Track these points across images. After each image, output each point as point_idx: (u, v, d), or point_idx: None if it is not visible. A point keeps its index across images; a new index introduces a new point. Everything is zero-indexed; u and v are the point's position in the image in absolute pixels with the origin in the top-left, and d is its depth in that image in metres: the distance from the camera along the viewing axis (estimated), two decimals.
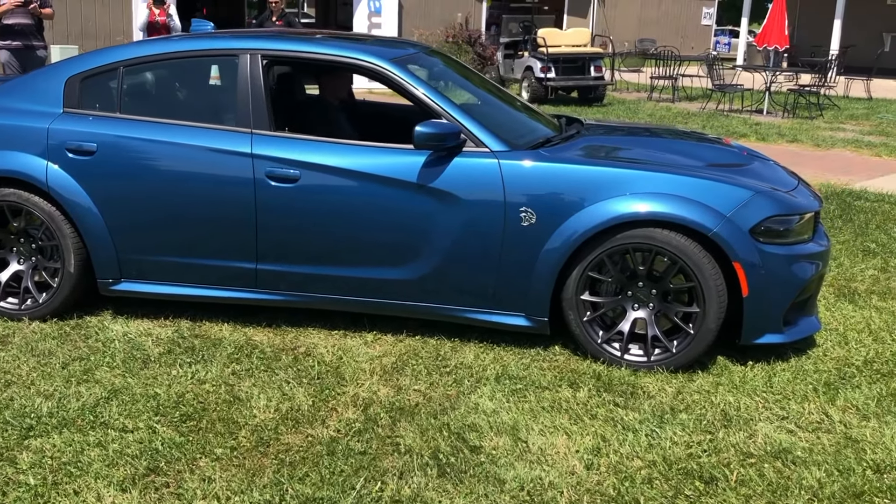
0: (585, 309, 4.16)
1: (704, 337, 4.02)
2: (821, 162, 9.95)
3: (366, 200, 4.21)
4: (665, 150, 4.57)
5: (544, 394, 3.84)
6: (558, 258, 4.08)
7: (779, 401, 3.80)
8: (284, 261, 4.36)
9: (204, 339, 4.39)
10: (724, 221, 3.94)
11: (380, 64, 4.32)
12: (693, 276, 3.97)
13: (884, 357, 4.27)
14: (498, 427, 3.52)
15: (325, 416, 3.62)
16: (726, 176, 4.14)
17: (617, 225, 4.01)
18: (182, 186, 4.34)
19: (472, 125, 4.19)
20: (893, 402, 3.80)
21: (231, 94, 4.43)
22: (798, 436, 3.50)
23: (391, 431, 3.49)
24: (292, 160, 4.24)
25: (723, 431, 3.52)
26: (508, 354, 4.26)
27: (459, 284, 4.24)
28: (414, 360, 4.17)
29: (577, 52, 15.94)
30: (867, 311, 4.89)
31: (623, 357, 4.14)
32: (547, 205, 4.08)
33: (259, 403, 3.70)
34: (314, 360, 4.16)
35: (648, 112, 14.78)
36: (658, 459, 3.29)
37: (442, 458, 3.27)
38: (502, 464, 3.25)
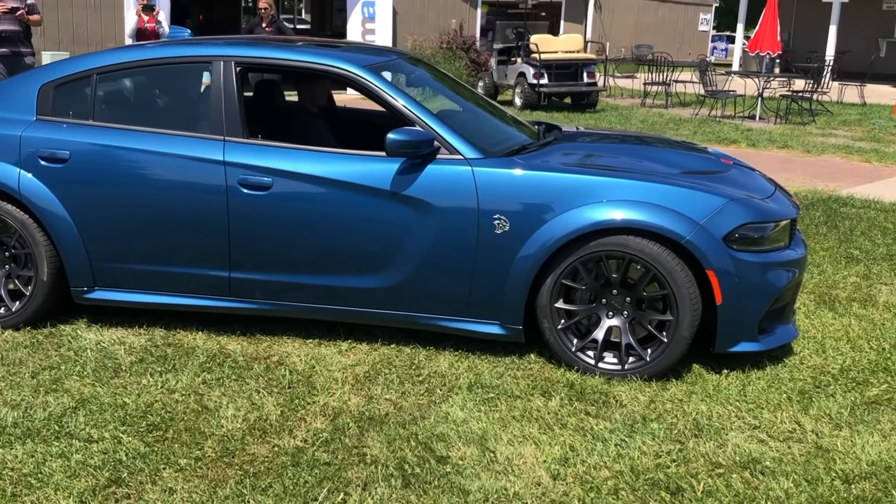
0: (560, 317, 4.14)
1: (678, 345, 3.99)
2: (810, 168, 9.93)
3: (339, 208, 4.19)
4: (641, 158, 4.55)
5: (516, 403, 3.82)
6: (532, 266, 4.05)
7: (752, 410, 3.77)
8: (258, 269, 4.34)
9: (177, 347, 4.37)
10: (698, 229, 3.92)
11: (353, 70, 4.30)
12: (666, 284, 3.95)
13: (860, 365, 4.24)
14: (466, 437, 3.50)
15: (293, 425, 3.59)
16: (701, 183, 4.12)
17: (590, 232, 3.98)
18: (155, 194, 4.32)
19: (446, 132, 4.18)
20: (867, 410, 3.77)
21: (204, 101, 4.41)
22: (769, 445, 3.47)
23: (358, 441, 3.46)
24: (264, 167, 4.22)
25: (693, 441, 3.50)
26: (483, 363, 4.23)
27: (433, 292, 4.22)
28: (387, 369, 4.14)
29: (569, 59, 15.93)
30: (847, 319, 4.87)
31: (597, 365, 4.12)
32: (520, 212, 4.06)
33: (227, 413, 3.68)
34: (286, 369, 4.13)
35: (641, 118, 14.76)
36: (626, 469, 3.26)
37: (407, 469, 3.24)
38: (468, 474, 3.22)
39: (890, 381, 4.07)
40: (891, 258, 6.07)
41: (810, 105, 14.90)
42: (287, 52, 4.50)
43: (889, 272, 5.75)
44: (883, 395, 3.92)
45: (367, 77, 4.28)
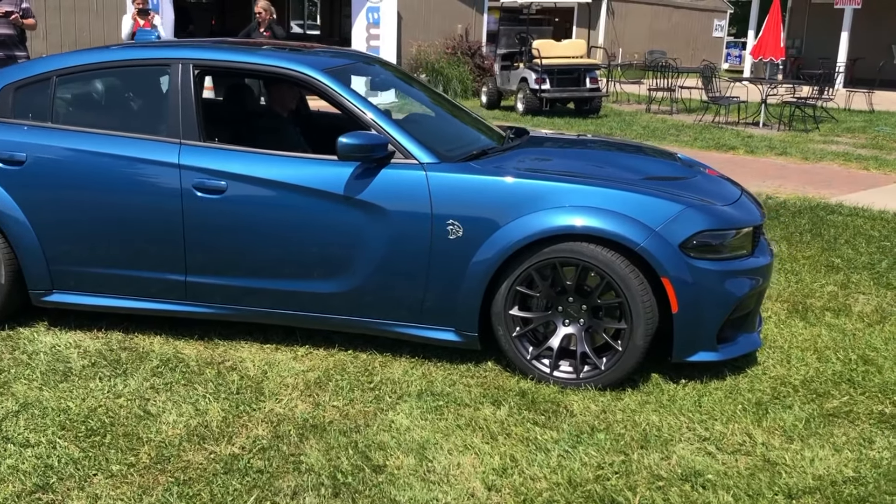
0: (515, 324, 4.07)
1: (632, 354, 3.92)
2: (805, 175, 9.81)
3: (293, 212, 4.15)
4: (603, 163, 4.48)
5: (464, 411, 3.75)
6: (485, 272, 3.99)
7: (704, 421, 3.69)
8: (213, 273, 4.30)
9: (132, 351, 4.33)
10: (652, 236, 3.85)
11: (310, 74, 4.26)
12: (620, 292, 3.87)
13: (824, 376, 4.15)
14: (407, 446, 3.44)
15: (233, 432, 3.54)
16: (658, 189, 4.04)
17: (543, 239, 3.92)
18: (112, 197, 4.30)
19: (402, 136, 4.12)
20: (823, 423, 3.68)
21: (163, 104, 4.39)
22: (715, 458, 3.39)
23: (296, 449, 3.41)
24: (219, 171, 4.18)
25: (638, 452, 3.42)
26: (438, 370, 4.17)
27: (388, 298, 4.16)
28: (339, 376, 4.09)
29: (572, 64, 15.85)
30: (817, 329, 4.77)
31: (552, 374, 4.05)
32: (474, 218, 4.00)
33: (169, 419, 3.64)
34: (238, 374, 4.09)
35: (643, 124, 14.66)
36: (563, 481, 3.19)
37: (339, 478, 3.19)
38: (401, 484, 3.16)
39: (852, 394, 3.97)
40: (872, 267, 5.96)
41: (814, 112, 14.75)
42: (246, 55, 4.47)
43: (868, 281, 5.65)
44: (842, 408, 3.83)
45: (324, 80, 4.24)
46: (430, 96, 5.27)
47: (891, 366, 4.27)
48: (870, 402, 3.89)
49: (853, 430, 3.62)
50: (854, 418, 3.74)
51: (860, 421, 3.71)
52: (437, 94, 5.37)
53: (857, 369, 4.23)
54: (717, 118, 15.15)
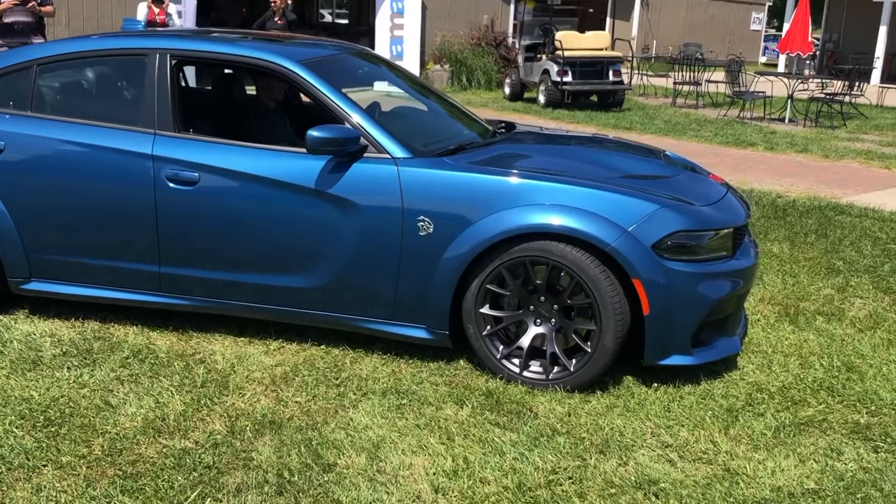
0: (485, 323, 4.01)
1: (602, 356, 3.83)
2: (822, 174, 9.59)
3: (265, 206, 4.11)
4: (581, 160, 4.39)
5: (426, 410, 3.70)
6: (455, 269, 3.93)
7: (670, 427, 3.60)
8: (186, 265, 4.29)
9: (105, 341, 4.34)
10: (624, 236, 3.76)
11: (284, 65, 4.22)
12: (589, 293, 3.79)
13: (803, 383, 4.03)
14: (361, 445, 3.39)
15: (190, 426, 3.52)
16: (632, 188, 3.94)
17: (513, 237, 3.85)
18: (88, 187, 4.30)
19: (376, 130, 4.07)
20: (794, 432, 3.58)
21: (140, 94, 4.37)
22: (675, 465, 3.30)
23: (249, 445, 3.38)
24: (191, 162, 4.16)
25: (596, 458, 3.34)
26: (408, 368, 4.12)
27: (360, 294, 4.12)
28: (307, 371, 4.05)
29: (595, 56, 15.67)
30: (806, 334, 4.65)
31: (522, 374, 3.98)
32: (444, 214, 3.94)
33: (129, 411, 3.63)
34: (206, 367, 4.07)
35: (666, 118, 14.46)
36: (513, 485, 3.13)
37: (286, 476, 3.15)
38: (347, 484, 3.12)
39: (829, 402, 3.86)
40: (874, 270, 5.80)
41: (841, 108, 14.43)
42: (223, 45, 4.44)
43: (868, 285, 5.49)
44: (816, 417, 3.72)
45: (299, 72, 4.19)
46: (418, 89, 5.21)
47: (874, 374, 4.14)
48: (846, 412, 3.77)
49: (823, 441, 3.51)
50: (827, 428, 3.62)
51: (833, 431, 3.60)
52: (426, 88, 5.31)
53: (839, 377, 4.11)
54: (742, 113, 14.89)
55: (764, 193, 8.10)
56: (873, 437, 3.54)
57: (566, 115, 14.58)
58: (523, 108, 15.91)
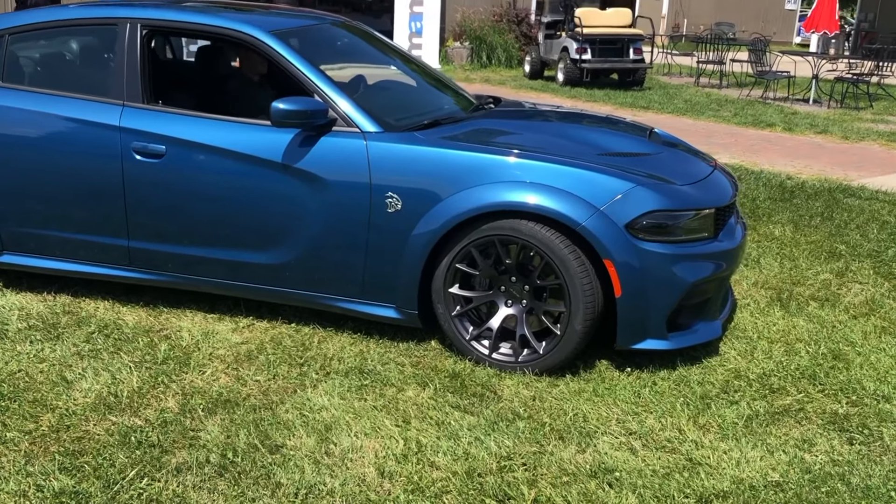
0: (455, 303, 3.89)
1: (571, 339, 3.70)
2: (839, 155, 9.31)
3: (232, 179, 4.02)
4: (559, 137, 4.23)
5: (387, 391, 3.60)
6: (423, 248, 3.81)
7: (638, 413, 3.47)
8: (155, 239, 4.21)
9: (73, 315, 4.28)
10: (596, 215, 3.61)
11: (254, 35, 4.10)
12: (559, 273, 3.65)
13: (785, 371, 3.87)
14: (313, 426, 3.30)
15: (143, 403, 3.45)
16: (607, 166, 3.79)
17: (482, 215, 3.72)
18: (57, 159, 4.23)
19: (345, 103, 3.94)
20: (767, 421, 3.43)
21: (110, 64, 4.29)
22: (636, 454, 3.17)
23: (199, 424, 3.30)
24: (158, 135, 4.07)
25: (555, 444, 3.22)
26: (377, 348, 4.02)
27: (329, 272, 4.02)
28: (273, 350, 3.97)
29: (615, 34, 15.37)
30: (796, 319, 4.47)
31: (491, 356, 3.86)
32: (413, 191, 3.81)
33: (83, 386, 3.56)
34: (170, 343, 4.00)
35: (686, 97, 14.16)
36: (462, 471, 3.02)
37: (230, 457, 3.06)
38: (291, 466, 3.02)
39: (809, 391, 3.70)
40: (877, 255, 5.59)
41: (868, 89, 14.04)
42: (193, 15, 4.32)
43: (869, 270, 5.29)
44: (794, 406, 3.56)
45: (269, 42, 4.07)
46: (402, 61, 5.07)
47: (861, 362, 3.97)
48: (826, 401, 3.61)
49: (797, 431, 3.36)
50: (803, 418, 3.47)
51: (808, 421, 3.44)
52: (410, 60, 5.17)
53: (824, 365, 3.94)
54: (765, 94, 14.54)
55: (773, 175, 7.87)
56: (850, 429, 3.38)
57: (584, 94, 14.33)
58: (541, 86, 15.68)
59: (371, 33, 5.15)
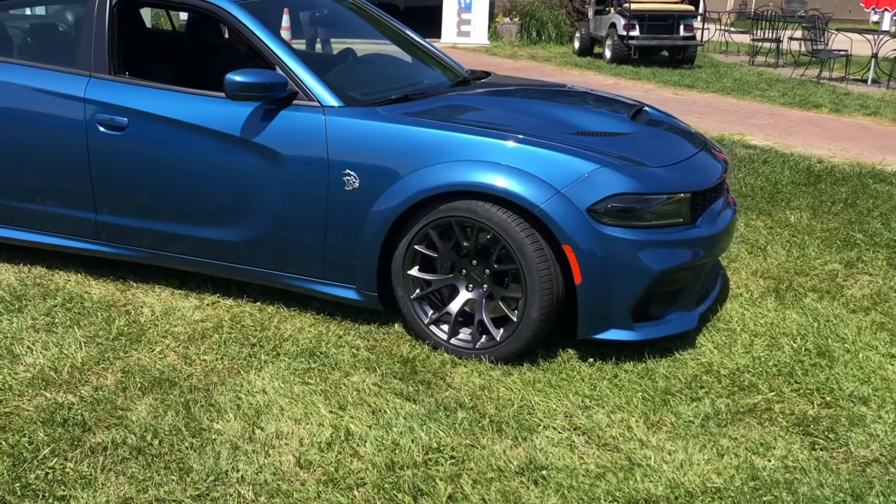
0: (415, 285, 3.75)
1: (527, 326, 3.52)
2: (881, 139, 8.82)
3: (191, 153, 3.93)
4: (530, 114, 4.02)
5: (332, 376, 3.48)
6: (380, 228, 3.67)
7: (589, 408, 3.28)
8: (120, 213, 4.16)
9: (42, 287, 4.26)
10: (555, 197, 3.42)
11: (219, 5, 3.99)
12: (515, 258, 3.48)
13: (762, 367, 3.63)
14: (244, 410, 3.20)
15: (82, 380, 3.39)
16: (571, 145, 3.58)
17: (438, 195, 3.55)
18: (27, 130, 4.20)
19: (306, 76, 3.81)
20: (726, 421, 3.21)
21: (79, 35, 4.23)
22: (574, 451, 3.00)
23: (130, 404, 3.23)
24: (121, 107, 4.00)
25: (490, 437, 3.06)
26: (337, 329, 3.91)
27: (289, 251, 3.91)
28: (230, 329, 3.88)
29: (665, 9, 14.89)
30: (788, 312, 4.21)
31: (449, 341, 3.71)
32: (370, 169, 3.67)
33: (28, 360, 3.53)
34: (128, 319, 3.95)
35: (736, 76, 13.67)
36: (383, 463, 2.88)
37: (149, 439, 2.98)
38: (208, 451, 2.93)
39: (783, 389, 3.46)
40: (895, 245, 5.24)
41: None
42: None
43: (882, 261, 4.96)
44: (761, 405, 3.33)
45: (232, 12, 3.96)
46: (392, 35, 4.91)
47: (847, 360, 3.70)
48: (797, 401, 3.37)
49: (756, 432, 3.14)
50: (767, 418, 3.24)
51: (772, 422, 3.21)
52: (401, 33, 4.99)
53: (805, 362, 3.69)
54: (821, 73, 13.92)
55: (803, 158, 7.49)
56: (815, 433, 3.14)
57: (629, 72, 13.94)
58: (587, 63, 15.31)
59: (363, 6, 5.00)
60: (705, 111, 10.24)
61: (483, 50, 17.54)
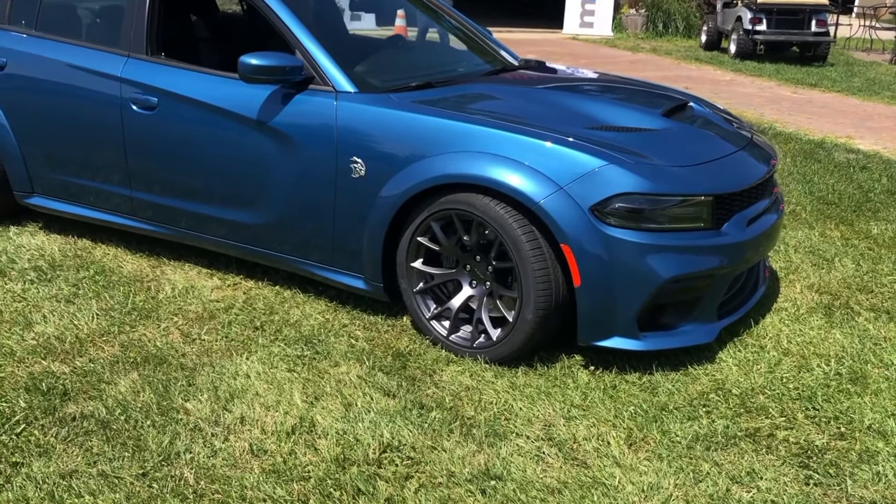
0: (418, 278, 3.65)
1: (522, 328, 3.36)
2: None
3: (215, 134, 3.96)
4: (551, 106, 3.82)
5: (320, 365, 3.43)
6: (383, 218, 3.59)
7: (573, 418, 3.10)
8: (152, 190, 4.26)
9: (79, 259, 4.42)
10: (557, 194, 3.24)
11: None
12: (511, 255, 3.32)
13: (780, 389, 3.33)
14: (222, 392, 3.19)
15: (81, 351, 3.48)
16: (580, 140, 3.37)
17: (439, 186, 3.44)
18: (73, 107, 4.35)
19: (325, 60, 3.76)
20: (720, 445, 2.95)
21: (122, 16, 4.34)
22: (540, 463, 2.83)
23: (115, 378, 3.28)
24: (152, 87, 4.08)
25: (456, 440, 2.94)
26: (344, 318, 3.86)
27: (302, 237, 3.89)
28: (239, 310, 3.90)
29: (796, 3, 14.06)
30: (833, 331, 3.85)
31: (448, 337, 3.60)
32: (375, 156, 3.60)
33: (38, 329, 3.66)
34: (148, 294, 4.04)
35: (869, 77, 12.78)
36: (334, 457, 2.81)
37: (117, 414, 3.02)
38: (168, 431, 2.93)
39: (795, 415, 3.15)
40: None
41: None
42: None
43: None
44: (764, 430, 3.05)
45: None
46: (438, 17, 4.80)
47: (880, 388, 3.35)
48: (808, 429, 3.07)
49: (747, 460, 2.87)
50: (766, 445, 2.96)
51: (770, 450, 2.94)
52: (449, 16, 4.86)
53: (832, 387, 3.36)
54: None
55: None
56: (815, 466, 2.85)
57: (751, 68, 13.27)
58: (709, 58, 14.67)
59: None
60: (819, 112, 9.60)
61: (603, 42, 17.11)
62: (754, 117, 8.97)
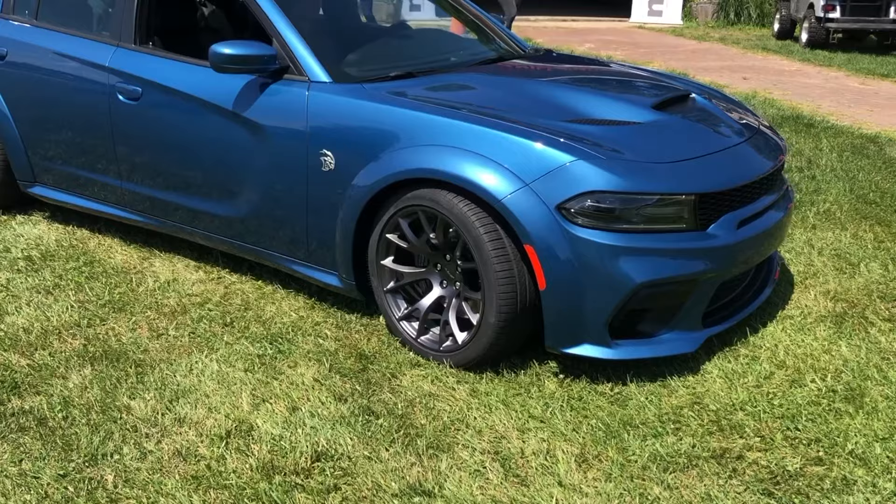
0: (389, 277, 3.50)
1: (485, 332, 3.18)
2: None
3: (194, 124, 3.89)
4: (531, 97, 3.60)
5: (279, 365, 3.32)
6: (352, 213, 3.46)
7: (527, 431, 2.91)
8: (139, 181, 4.22)
9: (72, 249, 4.42)
10: (522, 191, 3.05)
11: None
12: (473, 255, 3.15)
13: (763, 405, 3.07)
14: (169, 393, 3.11)
15: (44, 344, 3.45)
16: (548, 134, 3.16)
17: (404, 181, 3.29)
18: (66, 97, 4.35)
19: (301, 49, 3.64)
20: (679, 466, 2.73)
21: (114, 6, 4.31)
22: (477, 479, 2.65)
23: (69, 373, 3.23)
24: (136, 77, 4.04)
25: (395, 450, 2.78)
26: (318, 316, 3.75)
27: (277, 231, 3.79)
28: (214, 305, 3.83)
29: None
30: (840, 343, 3.55)
31: (417, 339, 3.44)
32: (345, 149, 3.46)
33: (9, 320, 3.64)
34: (128, 287, 4.00)
35: None
36: (260, 465, 2.69)
37: (56, 410, 2.97)
38: (101, 431, 2.86)
39: (772, 436, 2.90)
40: None
41: None
42: None
43: None
44: (733, 451, 2.81)
45: None
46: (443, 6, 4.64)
47: (879, 409, 3.05)
48: (784, 452, 2.81)
49: (704, 484, 2.64)
50: (732, 468, 2.73)
51: (735, 474, 2.70)
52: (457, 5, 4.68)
53: (822, 405, 3.08)
54: None
55: None
56: (780, 493, 2.60)
57: (821, 58, 12.64)
58: (779, 48, 14.06)
59: None
60: (882, 104, 9.06)
61: (671, 31, 16.60)
62: (809, 110, 8.51)
